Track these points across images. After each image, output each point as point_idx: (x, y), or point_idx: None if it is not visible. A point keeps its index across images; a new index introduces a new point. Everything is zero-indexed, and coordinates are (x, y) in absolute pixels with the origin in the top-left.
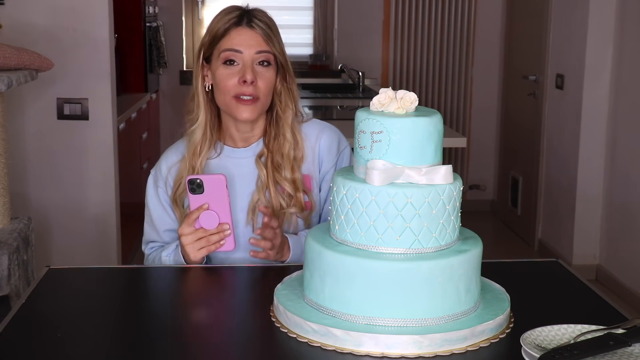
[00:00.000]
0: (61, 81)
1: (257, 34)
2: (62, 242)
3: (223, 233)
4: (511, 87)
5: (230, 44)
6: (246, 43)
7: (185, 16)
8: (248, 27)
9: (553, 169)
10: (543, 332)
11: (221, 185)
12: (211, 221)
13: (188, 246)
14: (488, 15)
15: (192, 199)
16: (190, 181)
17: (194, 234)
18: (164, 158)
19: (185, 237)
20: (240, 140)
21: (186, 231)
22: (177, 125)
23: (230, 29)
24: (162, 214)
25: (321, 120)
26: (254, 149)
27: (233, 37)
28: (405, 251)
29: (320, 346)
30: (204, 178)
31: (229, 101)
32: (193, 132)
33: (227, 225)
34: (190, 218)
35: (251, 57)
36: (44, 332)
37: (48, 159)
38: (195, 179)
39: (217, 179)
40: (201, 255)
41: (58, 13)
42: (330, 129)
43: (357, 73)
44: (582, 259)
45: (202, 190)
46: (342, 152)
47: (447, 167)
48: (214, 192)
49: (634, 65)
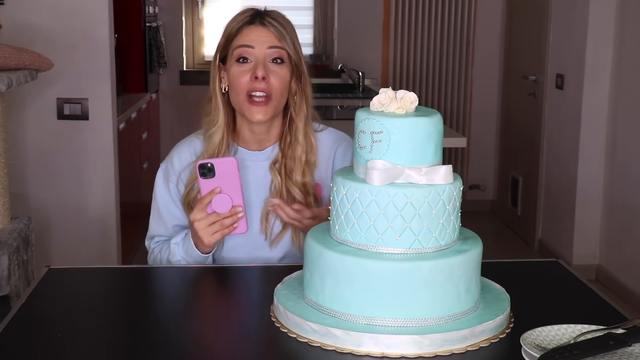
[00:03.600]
0: (61, 81)
1: (270, 31)
2: (62, 242)
3: (236, 216)
4: (511, 87)
5: (242, 41)
6: (258, 39)
7: (185, 16)
8: (261, 24)
9: (553, 169)
10: (543, 332)
11: (233, 168)
12: (224, 205)
13: (202, 231)
14: (488, 15)
15: (203, 183)
16: (201, 166)
17: (206, 219)
18: (176, 154)
19: (199, 223)
20: (254, 142)
21: (199, 216)
22: (177, 125)
23: (243, 27)
24: (172, 209)
25: (338, 130)
26: (269, 153)
27: (245, 34)
28: (405, 251)
29: (320, 346)
30: (215, 162)
31: (242, 101)
32: (212, 135)
33: (240, 208)
34: (202, 203)
35: (263, 53)
36: (44, 332)
37: (48, 159)
38: (206, 163)
39: (229, 162)
40: (215, 240)
41: (58, 13)
42: (347, 140)
43: (357, 73)
44: (582, 259)
45: (214, 175)
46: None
47: (447, 167)
48: (225, 176)
49: (634, 65)
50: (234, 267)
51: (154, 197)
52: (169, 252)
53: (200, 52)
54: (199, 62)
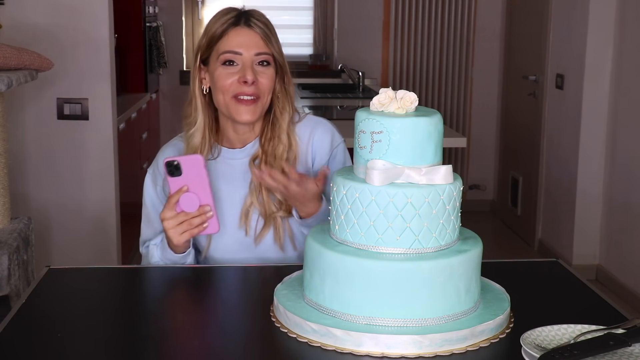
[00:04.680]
0: (61, 81)
1: (256, 33)
2: (62, 242)
3: (205, 215)
4: (511, 87)
5: (230, 46)
6: (245, 44)
7: (185, 16)
8: (246, 26)
9: (553, 169)
10: (543, 332)
11: (199, 166)
12: (192, 204)
13: (170, 230)
14: (488, 15)
15: (172, 181)
16: (167, 164)
17: (175, 218)
18: (161, 156)
19: (167, 222)
20: (237, 142)
21: (167, 215)
22: (177, 125)
23: (228, 30)
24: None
25: (315, 117)
26: (249, 149)
27: (232, 38)
28: (405, 251)
29: (320, 346)
30: (181, 160)
31: (228, 101)
32: (192, 136)
33: (208, 207)
34: (170, 202)
35: (251, 58)
36: (44, 332)
37: (48, 159)
38: (172, 161)
39: (195, 160)
40: (184, 239)
41: (58, 13)
42: (323, 124)
43: (357, 73)
44: (582, 259)
45: (180, 173)
46: (336, 147)
47: (447, 167)
48: (192, 174)
49: (634, 65)
50: (234, 267)
51: (143, 201)
52: (149, 253)
53: None
54: None
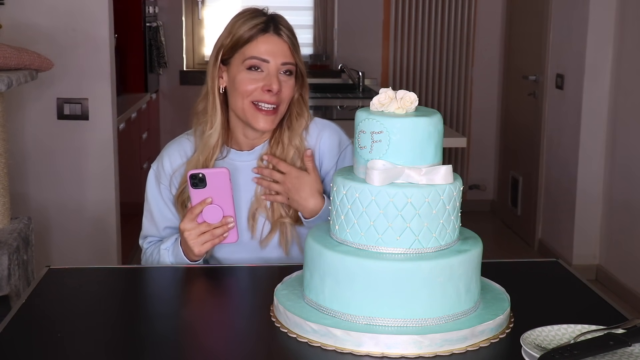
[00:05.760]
0: (61, 81)
1: (284, 42)
2: (62, 242)
3: (227, 226)
4: (511, 87)
5: (257, 52)
6: (273, 53)
7: (185, 16)
8: (276, 34)
9: (553, 169)
10: (543, 332)
11: (224, 179)
12: (215, 215)
13: (192, 241)
14: (488, 15)
15: (194, 193)
16: (192, 176)
17: (197, 229)
18: (166, 155)
19: (189, 233)
20: (245, 145)
21: (189, 226)
22: (177, 125)
23: (257, 36)
24: (164, 211)
25: (322, 119)
26: (258, 152)
27: (260, 44)
28: (405, 251)
29: (320, 346)
30: (207, 172)
31: (247, 107)
32: (210, 136)
33: (231, 219)
34: (192, 213)
35: (277, 67)
36: (44, 332)
37: (48, 159)
38: (198, 173)
39: (221, 173)
40: (205, 249)
41: (58, 13)
42: (331, 127)
43: (357, 73)
44: (582, 259)
45: (205, 185)
46: (343, 150)
47: (447, 167)
48: (216, 186)
49: (634, 65)
50: (234, 267)
51: (146, 197)
52: (159, 257)
53: (200, 52)
54: (199, 62)
